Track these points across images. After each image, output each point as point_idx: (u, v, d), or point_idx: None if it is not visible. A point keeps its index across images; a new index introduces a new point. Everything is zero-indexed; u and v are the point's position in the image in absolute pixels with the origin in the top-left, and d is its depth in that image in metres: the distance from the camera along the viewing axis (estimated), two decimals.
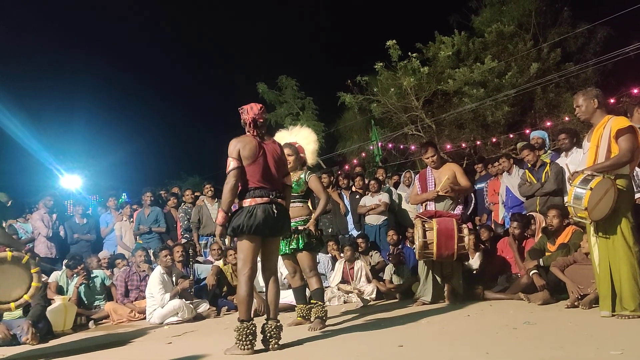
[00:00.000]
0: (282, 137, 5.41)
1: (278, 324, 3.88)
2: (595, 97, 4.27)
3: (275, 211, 3.89)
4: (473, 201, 7.73)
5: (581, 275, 4.80)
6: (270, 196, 3.92)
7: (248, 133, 4.02)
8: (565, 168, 5.70)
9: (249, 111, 4.02)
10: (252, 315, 3.87)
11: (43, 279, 6.57)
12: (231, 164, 3.88)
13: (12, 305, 4.21)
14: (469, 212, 7.58)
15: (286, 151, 5.03)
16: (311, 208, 5.10)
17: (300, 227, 4.87)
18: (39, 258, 5.06)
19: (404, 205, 8.30)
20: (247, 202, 3.90)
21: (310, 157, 5.33)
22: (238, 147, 3.90)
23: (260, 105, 4.10)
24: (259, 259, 4.12)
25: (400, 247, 7.32)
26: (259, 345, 3.80)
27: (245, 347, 3.70)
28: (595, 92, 4.34)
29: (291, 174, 5.03)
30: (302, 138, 5.37)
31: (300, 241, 4.82)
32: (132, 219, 8.85)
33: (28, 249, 7.20)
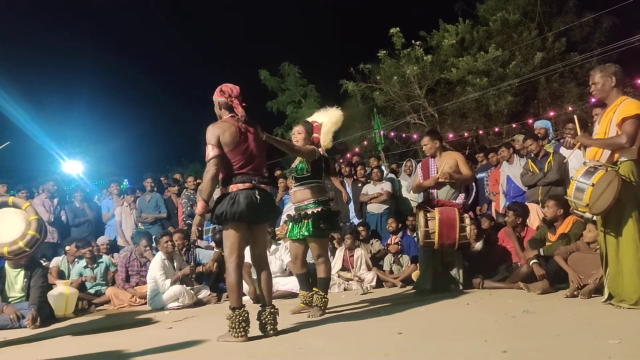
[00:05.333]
0: (318, 115, 5.15)
1: (273, 310, 3.84)
2: (614, 75, 4.03)
3: (258, 197, 3.78)
4: (474, 190, 7.72)
5: (583, 263, 4.79)
6: (253, 182, 3.81)
7: (227, 117, 3.89)
8: (568, 160, 5.68)
9: (230, 93, 3.88)
10: (243, 302, 3.86)
11: (44, 264, 6.64)
12: (211, 152, 3.74)
13: (5, 249, 4.19)
14: (470, 201, 7.57)
15: (297, 128, 4.86)
16: (320, 191, 4.82)
17: (309, 211, 4.69)
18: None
19: (405, 194, 8.30)
20: (229, 189, 3.80)
21: (324, 137, 4.94)
22: (217, 134, 3.76)
23: (238, 87, 3.94)
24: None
25: (400, 235, 7.33)
26: (253, 331, 3.79)
27: (239, 334, 3.68)
28: (613, 68, 4.07)
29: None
30: (327, 118, 5.03)
31: (310, 227, 4.65)
32: (133, 206, 8.86)
33: None
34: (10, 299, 5.57)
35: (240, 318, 3.71)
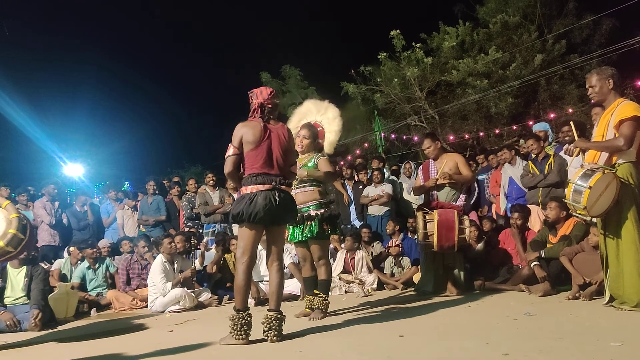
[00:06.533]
0: (309, 109, 5.25)
1: (279, 316, 3.75)
2: (611, 77, 4.04)
3: (277, 199, 3.76)
4: (476, 191, 7.68)
5: (588, 265, 4.77)
6: (273, 183, 3.79)
7: (254, 117, 3.92)
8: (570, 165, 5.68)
9: (258, 95, 3.94)
10: (248, 305, 3.80)
11: (46, 267, 6.64)
12: (229, 150, 3.87)
13: None
14: (472, 202, 7.56)
15: (303, 132, 4.86)
16: (322, 192, 4.85)
17: (312, 213, 4.70)
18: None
19: (406, 196, 8.30)
20: (248, 189, 3.79)
21: (328, 147, 5.07)
22: (241, 134, 3.84)
23: (271, 89, 4.01)
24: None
25: (401, 237, 7.33)
26: (254, 335, 3.75)
27: (240, 337, 3.64)
28: (610, 71, 4.10)
29: (302, 156, 4.87)
30: (327, 122, 5.13)
31: (314, 229, 4.66)
32: (135, 209, 8.88)
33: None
34: (7, 298, 5.56)
35: (243, 321, 3.66)
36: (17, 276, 5.63)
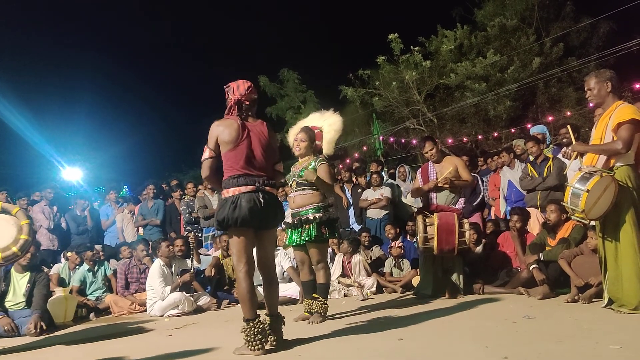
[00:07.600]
0: (314, 118, 5.25)
1: (277, 319, 3.68)
2: (609, 80, 4.04)
3: (262, 200, 3.51)
4: (482, 193, 7.65)
5: (587, 267, 4.77)
6: (257, 184, 3.53)
7: (230, 115, 3.65)
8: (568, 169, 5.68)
9: (235, 91, 3.66)
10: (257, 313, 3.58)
11: (44, 271, 6.63)
12: (205, 153, 3.62)
13: (0, 255, 4.12)
14: (476, 202, 7.53)
15: (300, 135, 4.85)
16: (321, 196, 4.80)
17: (310, 216, 4.67)
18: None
19: (404, 200, 8.31)
20: (230, 192, 3.53)
21: (327, 146, 5.01)
22: (216, 134, 3.58)
23: (249, 83, 3.71)
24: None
25: (400, 240, 7.32)
26: None
27: (256, 347, 3.41)
28: (608, 74, 4.09)
29: (301, 159, 4.88)
30: (327, 124, 5.07)
31: (312, 232, 4.63)
32: (133, 213, 8.87)
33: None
34: (8, 302, 5.55)
35: (256, 330, 3.43)
36: (20, 281, 5.64)
